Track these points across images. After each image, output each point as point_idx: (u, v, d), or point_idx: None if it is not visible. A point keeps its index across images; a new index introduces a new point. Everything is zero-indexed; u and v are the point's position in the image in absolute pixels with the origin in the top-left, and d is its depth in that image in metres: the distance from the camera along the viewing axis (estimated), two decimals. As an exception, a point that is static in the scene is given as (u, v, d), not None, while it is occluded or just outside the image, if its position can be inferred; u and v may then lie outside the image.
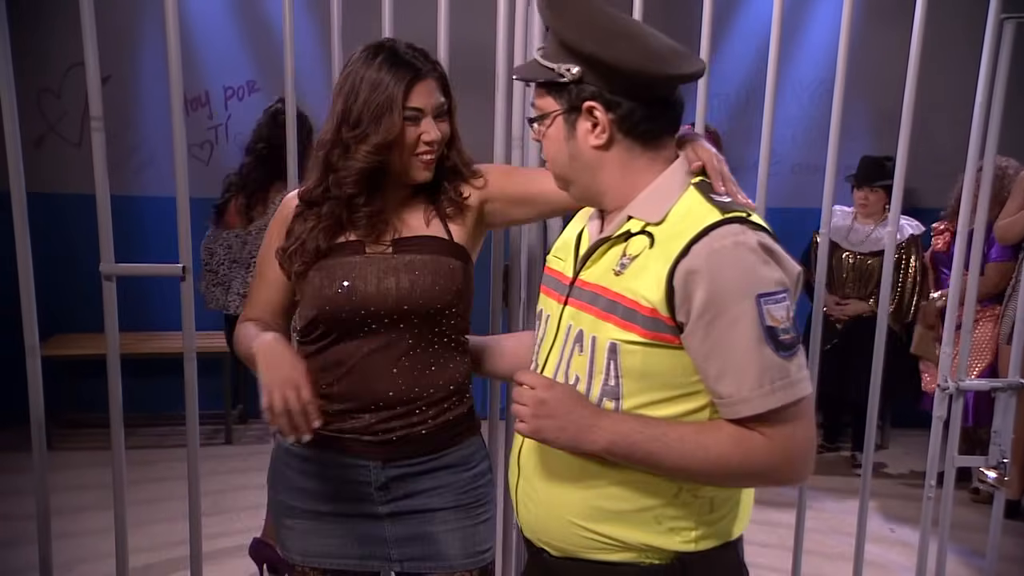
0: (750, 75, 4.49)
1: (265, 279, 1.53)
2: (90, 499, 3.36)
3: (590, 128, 1.16)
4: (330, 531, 1.51)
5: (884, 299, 2.16)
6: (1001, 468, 2.12)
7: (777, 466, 1.09)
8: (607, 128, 1.15)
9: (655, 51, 1.12)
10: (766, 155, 2.08)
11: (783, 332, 1.05)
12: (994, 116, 2.01)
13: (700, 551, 1.16)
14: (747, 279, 1.05)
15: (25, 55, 3.99)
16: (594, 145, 1.16)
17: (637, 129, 1.15)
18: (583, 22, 1.13)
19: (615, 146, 1.16)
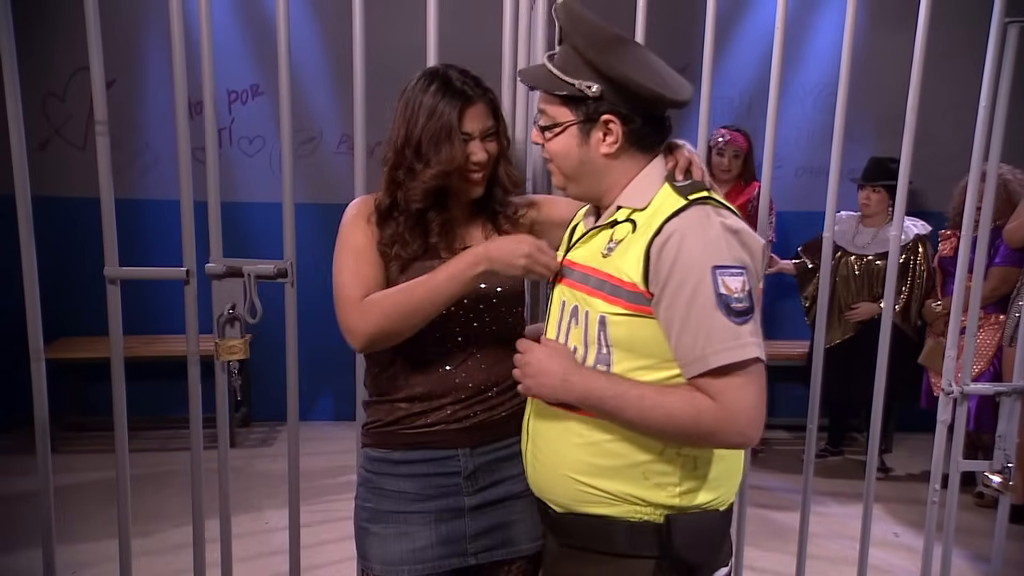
0: (754, 79, 4.49)
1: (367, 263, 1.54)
2: (94, 502, 3.37)
3: (602, 138, 1.30)
4: (415, 534, 1.55)
5: (888, 301, 2.16)
6: (1005, 472, 2.11)
7: (723, 425, 1.19)
8: (619, 139, 1.30)
9: (666, 78, 1.29)
10: (770, 159, 2.08)
11: (736, 301, 1.18)
12: (998, 119, 2.01)
13: (685, 510, 1.28)
14: (706, 253, 1.19)
15: (30, 59, 4.01)
16: (605, 153, 1.31)
17: (643, 141, 1.32)
18: (603, 43, 1.28)
19: (623, 154, 1.32)
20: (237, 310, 1.89)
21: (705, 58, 2.04)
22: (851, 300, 3.95)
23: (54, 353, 3.88)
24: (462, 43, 2.00)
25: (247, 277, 1.88)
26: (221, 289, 1.90)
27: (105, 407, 2.01)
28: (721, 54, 4.36)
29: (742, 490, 2.20)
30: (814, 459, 2.23)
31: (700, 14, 2.10)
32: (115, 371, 1.92)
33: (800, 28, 4.46)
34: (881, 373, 2.14)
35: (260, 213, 4.17)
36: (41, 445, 1.89)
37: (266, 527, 3.26)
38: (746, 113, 4.52)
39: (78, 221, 3.89)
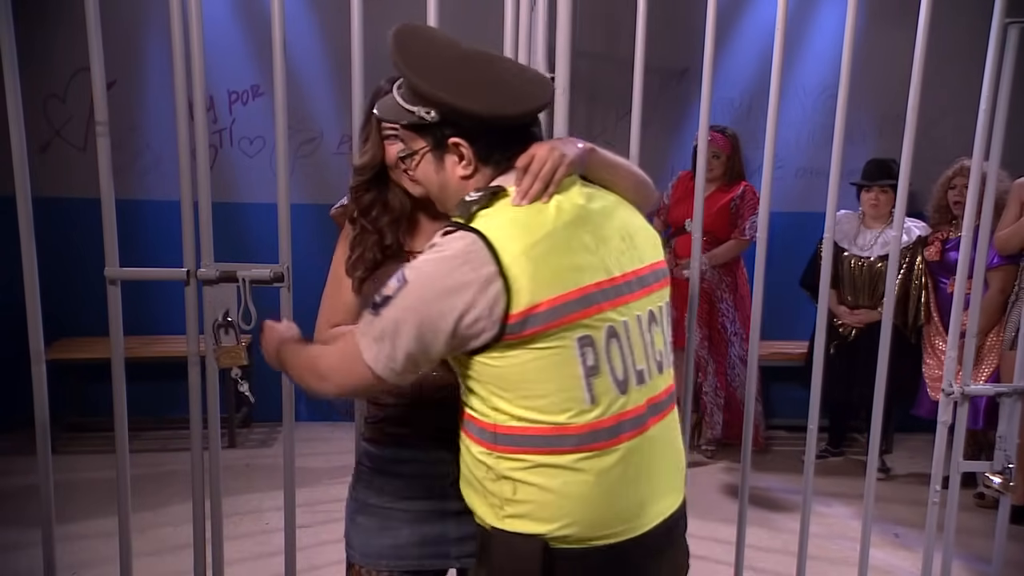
0: (754, 80, 4.49)
1: (342, 287, 1.60)
2: (94, 503, 3.37)
3: (457, 160, 1.30)
4: (396, 530, 1.55)
5: (889, 304, 2.16)
6: (1006, 473, 2.11)
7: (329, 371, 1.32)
8: (472, 160, 1.29)
9: (504, 94, 1.26)
10: (770, 159, 2.08)
11: (380, 295, 1.24)
12: (999, 120, 2.01)
13: (508, 530, 1.27)
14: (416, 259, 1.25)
15: (31, 60, 4.01)
16: (462, 176, 1.30)
17: (495, 157, 1.29)
18: (434, 71, 1.26)
19: (479, 174, 1.30)
20: (232, 315, 1.86)
21: (705, 59, 2.04)
22: (855, 302, 3.95)
23: (54, 354, 3.87)
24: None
25: (242, 282, 1.87)
26: (214, 294, 1.88)
27: (105, 408, 2.01)
28: (721, 55, 4.35)
29: (743, 490, 2.21)
30: (815, 460, 2.23)
31: (700, 15, 2.10)
32: (115, 372, 1.92)
33: (800, 28, 4.45)
34: (882, 374, 2.14)
35: (261, 214, 4.16)
36: (42, 445, 1.89)
37: (267, 527, 3.26)
38: (746, 114, 4.52)
39: (78, 222, 3.89)
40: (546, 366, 1.20)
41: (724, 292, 4.10)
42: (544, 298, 1.19)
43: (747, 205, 3.98)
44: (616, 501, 1.26)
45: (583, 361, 1.21)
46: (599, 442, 1.23)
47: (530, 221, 1.23)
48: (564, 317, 1.20)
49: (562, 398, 1.21)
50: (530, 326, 1.18)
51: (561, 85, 1.98)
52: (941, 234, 3.77)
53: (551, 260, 1.21)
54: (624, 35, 2.25)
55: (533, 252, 1.20)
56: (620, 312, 1.25)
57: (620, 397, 1.25)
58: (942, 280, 3.76)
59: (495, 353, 1.21)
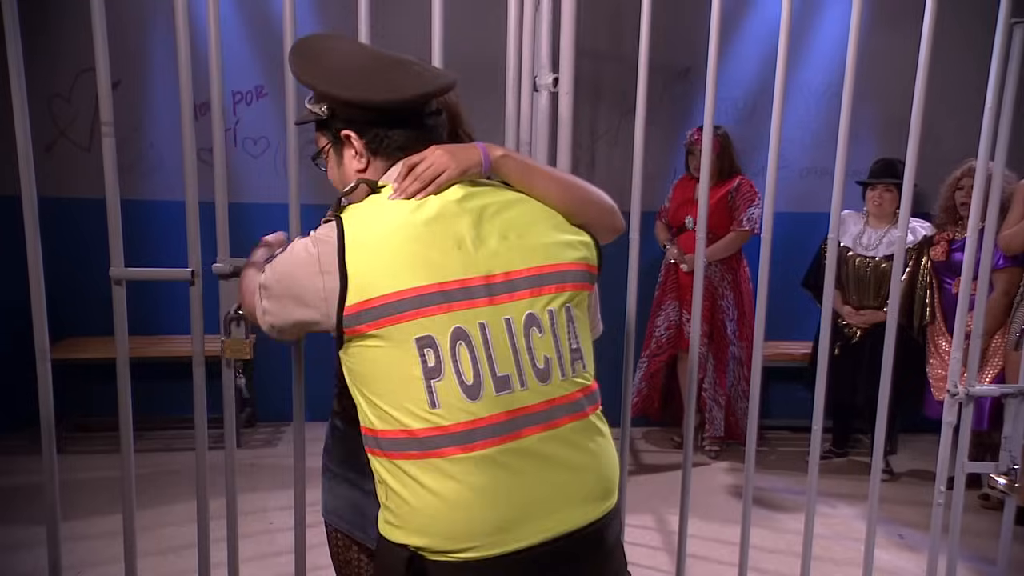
0: (758, 79, 4.49)
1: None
2: (99, 502, 3.38)
3: (353, 155, 1.34)
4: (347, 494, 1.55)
5: (894, 304, 2.15)
6: (1012, 474, 2.11)
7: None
8: (363, 152, 1.32)
9: (377, 82, 1.28)
10: (774, 159, 2.07)
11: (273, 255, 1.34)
12: (1004, 120, 2.00)
13: (384, 536, 1.26)
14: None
15: (36, 60, 4.03)
16: (357, 169, 1.33)
17: (385, 149, 1.32)
18: (317, 67, 1.31)
19: (371, 167, 1.33)
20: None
21: (709, 59, 2.03)
22: (860, 301, 3.94)
23: (59, 353, 3.88)
24: (467, 45, 2.00)
25: None
26: (228, 289, 1.94)
27: (110, 407, 2.02)
28: (725, 55, 4.35)
29: (746, 492, 2.20)
30: (819, 460, 2.23)
31: (704, 15, 2.10)
32: (121, 371, 1.92)
33: (804, 28, 4.45)
34: (886, 375, 2.14)
35: (265, 214, 4.17)
36: (47, 445, 1.90)
37: (271, 527, 3.27)
38: (750, 114, 4.52)
39: (83, 222, 3.90)
40: (385, 364, 1.19)
41: (726, 289, 4.10)
42: (378, 293, 1.18)
43: (743, 197, 3.99)
44: (477, 513, 1.19)
45: (423, 362, 1.18)
46: (445, 448, 1.18)
47: (385, 215, 1.24)
48: (399, 315, 1.18)
49: (404, 399, 1.19)
50: (364, 321, 1.18)
51: (565, 84, 1.98)
52: (947, 234, 3.76)
53: (396, 256, 1.20)
54: (628, 34, 2.25)
55: (379, 246, 1.21)
56: (479, 314, 1.20)
57: (470, 403, 1.18)
58: (947, 281, 3.75)
59: (348, 351, 1.23)
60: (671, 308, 4.16)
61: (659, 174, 4.50)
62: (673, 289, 4.15)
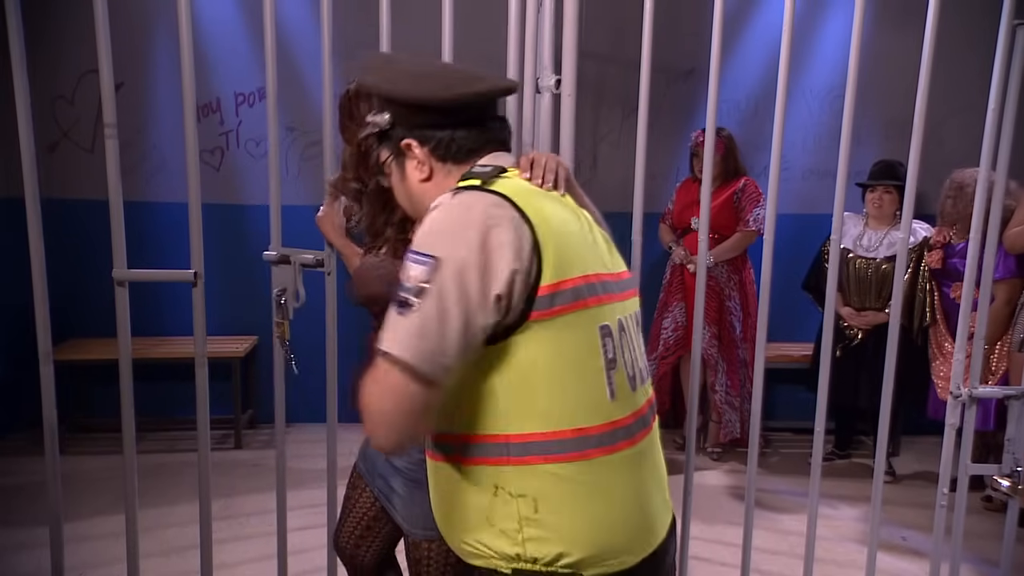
0: (760, 82, 4.49)
1: None
2: (101, 503, 3.38)
3: (415, 165, 1.26)
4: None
5: (896, 305, 2.15)
6: (1015, 476, 2.10)
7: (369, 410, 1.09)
8: (425, 160, 1.25)
9: (437, 81, 1.23)
10: (776, 161, 2.07)
11: (405, 289, 1.07)
12: (1007, 122, 2.00)
13: (534, 562, 1.12)
14: (418, 234, 1.10)
15: (39, 61, 4.03)
16: (421, 179, 1.26)
17: (457, 154, 1.24)
18: (383, 73, 1.27)
19: (439, 174, 1.26)
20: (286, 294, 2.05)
21: (712, 61, 2.04)
22: (861, 303, 3.93)
23: (63, 355, 3.89)
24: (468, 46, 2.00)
25: (294, 264, 2.03)
26: (278, 273, 2.04)
27: (113, 408, 2.02)
28: (728, 57, 4.35)
29: (748, 493, 2.20)
30: (821, 462, 2.22)
31: (707, 16, 2.10)
32: (123, 373, 1.92)
33: (807, 31, 4.45)
34: (889, 376, 2.14)
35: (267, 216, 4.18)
36: (49, 445, 1.90)
37: (272, 529, 3.27)
38: (752, 115, 4.52)
39: (86, 223, 3.90)
40: (570, 355, 1.10)
41: (732, 290, 4.10)
42: (569, 275, 1.10)
43: (748, 198, 4.00)
44: (632, 512, 1.16)
45: (604, 353, 1.13)
46: (619, 442, 1.14)
47: (545, 198, 1.18)
48: (587, 299, 1.12)
49: (585, 394, 1.11)
50: (559, 303, 1.09)
51: (567, 86, 1.98)
52: (943, 238, 3.76)
53: (570, 238, 1.14)
54: (630, 36, 2.25)
55: (555, 224, 1.13)
56: (621, 307, 1.21)
57: (632, 394, 1.18)
58: (945, 286, 3.75)
59: (516, 341, 1.08)
60: (678, 310, 4.15)
61: (662, 176, 4.50)
62: (679, 291, 4.15)
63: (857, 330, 3.94)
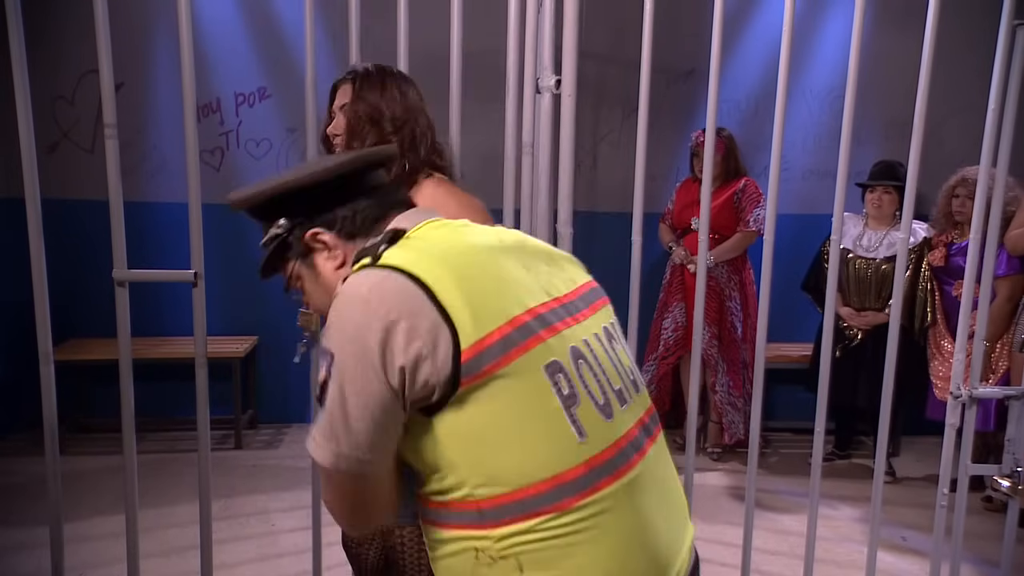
0: (760, 82, 4.49)
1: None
2: (101, 503, 3.38)
3: (326, 256, 1.18)
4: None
5: (896, 305, 2.16)
6: (1015, 476, 2.10)
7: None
8: (336, 244, 1.17)
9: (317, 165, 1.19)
10: (776, 161, 2.08)
11: (319, 390, 1.04)
12: (1007, 122, 2.00)
13: None
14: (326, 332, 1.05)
15: (39, 61, 4.03)
16: (336, 267, 1.17)
17: (360, 227, 1.17)
18: (257, 187, 1.21)
19: (348, 257, 1.16)
20: None
21: (712, 61, 2.04)
22: (861, 303, 3.93)
23: (63, 355, 3.89)
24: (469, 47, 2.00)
25: None
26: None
27: (113, 408, 2.02)
28: (728, 57, 4.35)
29: (748, 494, 2.20)
30: (821, 462, 2.22)
31: (707, 17, 2.10)
32: (123, 373, 1.92)
33: (807, 31, 4.45)
34: (889, 377, 2.14)
35: (267, 215, 4.18)
36: (50, 446, 1.90)
37: (273, 529, 3.27)
38: (752, 116, 4.52)
39: (87, 224, 3.90)
40: (520, 408, 1.02)
41: (733, 291, 4.10)
42: (494, 325, 1.02)
43: (749, 198, 4.01)
44: (649, 538, 1.08)
45: (558, 391, 1.04)
46: (602, 480, 1.04)
47: (448, 249, 1.08)
48: (522, 343, 1.03)
49: (548, 442, 1.02)
50: (487, 361, 1.00)
51: (567, 86, 1.98)
52: (945, 237, 3.76)
53: (487, 284, 1.05)
54: (630, 36, 2.25)
55: (464, 277, 1.04)
56: (576, 331, 1.11)
57: (608, 424, 1.07)
58: (947, 284, 3.76)
59: (457, 409, 1.01)
60: (678, 310, 4.15)
61: (662, 176, 4.50)
62: (679, 291, 4.15)
63: (857, 330, 3.94)
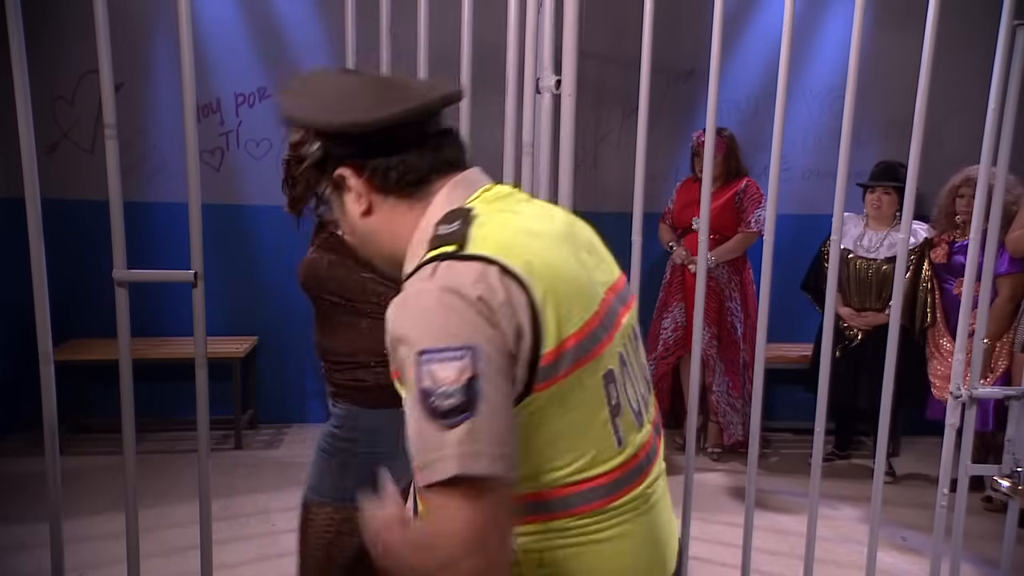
0: (761, 82, 4.49)
1: None
2: (101, 504, 3.38)
3: (354, 198, 1.09)
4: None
5: (896, 306, 2.15)
6: (1015, 477, 2.10)
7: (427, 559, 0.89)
8: (363, 191, 1.08)
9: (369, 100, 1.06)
10: (776, 162, 2.08)
11: (442, 396, 0.88)
12: (1007, 122, 2.00)
13: None
14: (415, 332, 0.92)
15: (39, 62, 4.03)
16: (361, 213, 1.09)
17: (400, 182, 1.07)
18: (304, 100, 1.10)
19: (382, 207, 1.09)
20: None
21: (712, 61, 2.04)
22: (862, 304, 3.93)
23: (63, 355, 3.89)
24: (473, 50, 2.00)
25: None
26: None
27: (113, 409, 2.02)
28: (728, 56, 4.35)
29: (748, 494, 2.20)
30: (821, 463, 2.22)
31: (707, 16, 2.10)
32: (123, 373, 1.92)
33: (807, 31, 4.45)
34: (889, 377, 2.14)
35: (267, 216, 4.19)
36: (50, 446, 1.90)
37: (273, 529, 3.27)
38: (752, 116, 4.52)
39: (87, 224, 3.91)
40: (576, 416, 0.98)
41: (733, 291, 4.10)
42: (572, 330, 0.97)
43: (750, 199, 4.01)
44: (644, 552, 1.08)
45: (608, 401, 1.01)
46: (629, 485, 1.04)
47: (532, 238, 1.01)
48: (591, 351, 0.99)
49: (594, 449, 1.00)
50: (562, 368, 0.96)
51: (567, 86, 1.98)
52: (947, 236, 3.77)
53: (567, 282, 0.99)
54: (630, 35, 2.25)
55: (551, 266, 0.98)
56: (619, 335, 1.07)
57: (639, 432, 1.07)
58: (948, 282, 3.76)
59: (522, 406, 0.95)
60: (677, 310, 4.15)
61: (662, 176, 4.50)
62: (679, 291, 4.15)
63: (857, 331, 3.94)
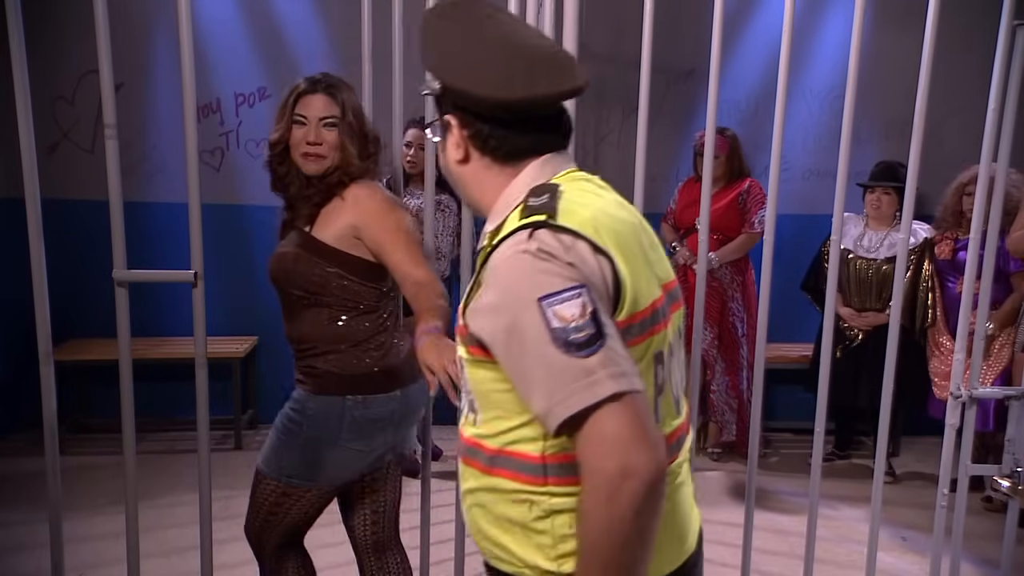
0: (761, 82, 4.49)
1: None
2: (101, 503, 3.38)
3: (455, 143, 1.17)
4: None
5: (896, 306, 2.16)
6: (1015, 477, 2.10)
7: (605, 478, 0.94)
8: (462, 143, 1.16)
9: (502, 73, 1.09)
10: (777, 161, 2.08)
11: (575, 330, 0.96)
12: (1007, 122, 2.00)
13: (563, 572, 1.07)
14: (525, 285, 0.99)
15: (39, 62, 4.03)
16: (457, 159, 1.18)
17: (500, 150, 1.15)
18: (445, 38, 1.15)
19: (477, 164, 1.17)
20: None
21: (712, 61, 2.04)
22: (862, 304, 3.94)
23: (63, 355, 3.89)
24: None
25: None
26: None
27: (113, 409, 2.02)
28: (728, 57, 4.35)
29: (748, 494, 2.20)
30: (821, 463, 2.22)
31: (707, 16, 2.10)
32: (123, 373, 1.92)
33: (807, 31, 4.45)
34: (889, 377, 2.14)
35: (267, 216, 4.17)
36: (49, 446, 1.90)
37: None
38: (752, 115, 4.52)
39: (87, 224, 3.90)
40: None
41: (735, 291, 4.10)
42: (641, 306, 1.05)
43: (753, 199, 4.01)
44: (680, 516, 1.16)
45: (656, 380, 1.09)
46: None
47: (615, 219, 1.09)
48: (651, 329, 1.07)
49: None
50: (628, 339, 1.03)
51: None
52: (951, 234, 3.76)
53: (640, 264, 1.08)
54: (630, 35, 2.25)
55: (629, 248, 1.07)
56: (672, 324, 1.15)
57: (675, 417, 1.15)
58: (951, 279, 3.75)
59: None
60: None
61: (662, 176, 4.50)
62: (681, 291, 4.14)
63: (857, 331, 3.94)
